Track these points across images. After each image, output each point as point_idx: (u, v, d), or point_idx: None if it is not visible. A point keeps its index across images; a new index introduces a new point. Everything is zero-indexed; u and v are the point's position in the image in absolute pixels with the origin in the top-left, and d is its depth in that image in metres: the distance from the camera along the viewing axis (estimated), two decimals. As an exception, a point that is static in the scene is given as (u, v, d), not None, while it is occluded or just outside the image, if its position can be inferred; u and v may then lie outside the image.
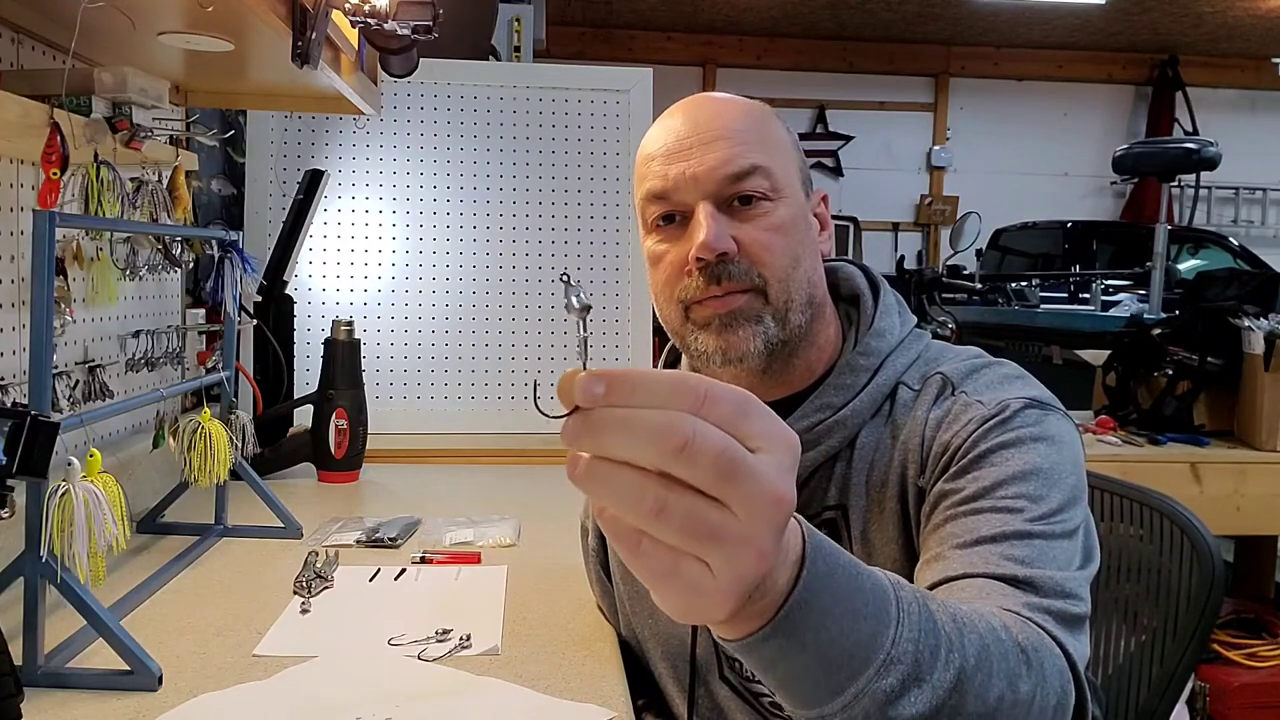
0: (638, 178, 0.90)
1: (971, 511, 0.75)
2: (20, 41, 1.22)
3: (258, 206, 2.08)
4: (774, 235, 0.84)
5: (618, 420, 0.41)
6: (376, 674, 0.93)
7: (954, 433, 0.82)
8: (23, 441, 0.82)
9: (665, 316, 0.91)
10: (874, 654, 0.53)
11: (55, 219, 0.88)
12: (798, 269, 0.86)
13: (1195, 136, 5.48)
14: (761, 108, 0.90)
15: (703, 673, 0.96)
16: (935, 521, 0.78)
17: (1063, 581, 0.70)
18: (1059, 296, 5.29)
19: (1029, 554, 0.71)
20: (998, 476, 0.76)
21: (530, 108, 2.15)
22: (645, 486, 0.41)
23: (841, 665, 0.52)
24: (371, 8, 1.24)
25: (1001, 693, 0.58)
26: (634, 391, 0.42)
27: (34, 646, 0.88)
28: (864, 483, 0.86)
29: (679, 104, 0.90)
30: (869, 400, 0.87)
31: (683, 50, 7.37)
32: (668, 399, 0.41)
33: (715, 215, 0.83)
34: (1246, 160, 7.15)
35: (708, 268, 0.83)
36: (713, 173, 0.84)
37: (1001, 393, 0.83)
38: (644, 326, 2.19)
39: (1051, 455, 0.79)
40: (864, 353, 0.89)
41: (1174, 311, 2.58)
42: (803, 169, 0.91)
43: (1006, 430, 0.79)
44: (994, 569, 0.70)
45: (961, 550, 0.73)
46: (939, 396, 0.86)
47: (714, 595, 0.44)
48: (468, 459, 1.99)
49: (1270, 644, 2.36)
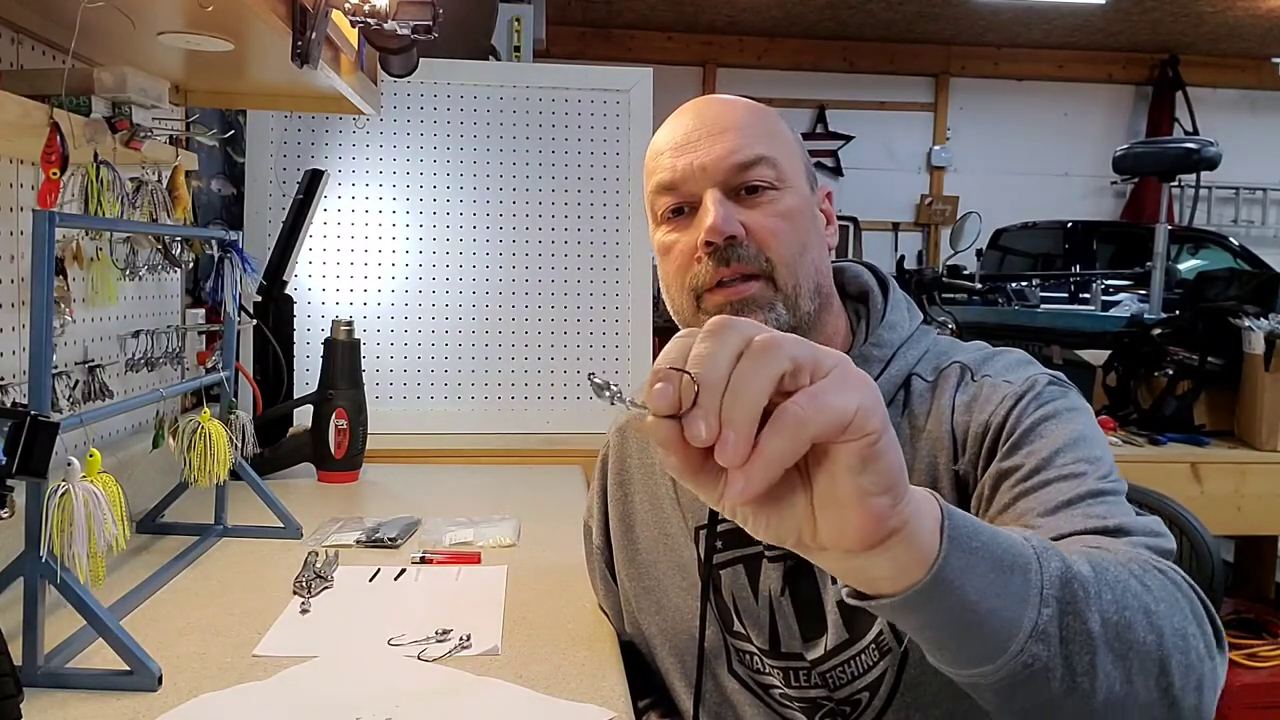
0: (647, 173, 0.92)
1: (1040, 484, 0.76)
2: (20, 41, 1.22)
3: (258, 206, 2.08)
4: (781, 221, 0.86)
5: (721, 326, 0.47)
6: (376, 674, 0.93)
7: (990, 412, 0.83)
8: (23, 441, 0.82)
9: (676, 307, 0.91)
10: (1031, 579, 0.55)
11: (55, 219, 0.88)
12: (805, 256, 0.87)
13: (1195, 136, 5.48)
14: (767, 108, 0.93)
15: (711, 666, 0.96)
16: (1003, 501, 0.78)
17: (1148, 524, 0.73)
18: (1059, 296, 5.28)
19: (1109, 510, 0.73)
20: (1053, 446, 0.78)
21: (530, 108, 2.15)
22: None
23: (1006, 597, 0.54)
24: (371, 8, 1.24)
25: (1156, 600, 0.60)
26: (720, 332, 0.47)
27: (34, 646, 0.88)
28: None
29: (686, 104, 0.93)
30: (882, 390, 0.87)
31: (683, 50, 7.36)
32: (740, 338, 0.46)
33: (723, 201, 0.85)
34: (1246, 160, 7.14)
35: (716, 251, 0.85)
36: (720, 162, 0.86)
37: (1023, 372, 0.86)
38: (644, 326, 2.19)
39: (1089, 423, 0.82)
40: (876, 344, 0.91)
41: (1174, 311, 2.58)
42: (807, 166, 0.93)
43: (1042, 403, 0.82)
44: (1087, 525, 0.72)
45: (1045, 518, 0.74)
46: (960, 383, 0.87)
47: (872, 445, 0.47)
48: (468, 459, 1.99)
49: (1270, 644, 2.36)
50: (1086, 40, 7.31)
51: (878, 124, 7.59)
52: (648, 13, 6.90)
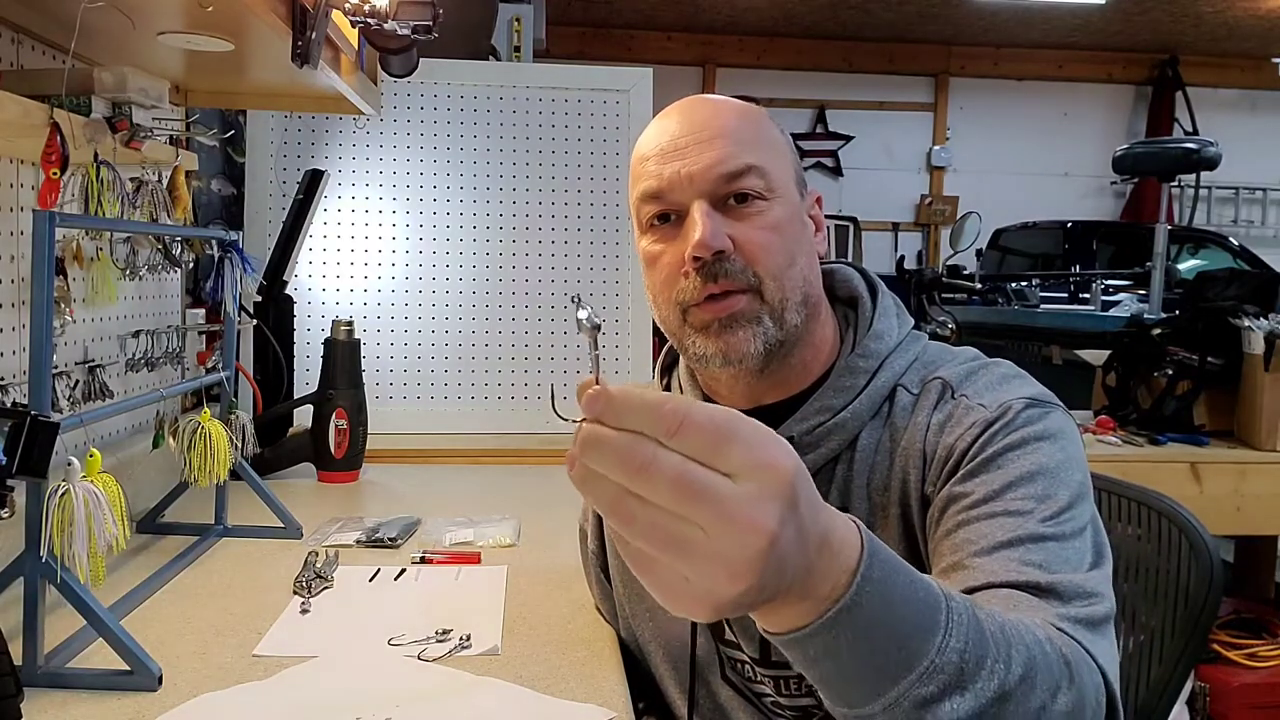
0: (633, 178, 0.89)
1: (984, 515, 0.75)
2: (20, 41, 1.22)
3: (258, 206, 2.08)
4: (769, 234, 0.84)
5: (596, 437, 0.46)
6: (376, 674, 0.93)
7: (957, 436, 0.82)
8: (23, 441, 0.82)
9: (663, 318, 0.90)
10: (918, 660, 0.54)
11: (55, 219, 0.88)
12: (793, 268, 0.85)
13: (1195, 136, 5.48)
14: (756, 109, 0.90)
15: (704, 673, 0.96)
16: (946, 527, 0.78)
17: (1082, 583, 0.71)
18: (1059, 296, 5.28)
19: (1045, 558, 0.71)
20: (1005, 479, 0.77)
21: (530, 108, 2.15)
22: (620, 496, 0.46)
23: (886, 668, 0.54)
24: (371, 8, 1.24)
25: (1043, 703, 0.59)
26: (619, 412, 0.46)
27: (34, 646, 0.88)
28: (865, 486, 0.86)
29: (673, 105, 0.90)
30: (868, 402, 0.87)
31: (683, 50, 7.37)
32: (643, 422, 0.46)
33: (710, 213, 0.83)
34: (1246, 160, 7.14)
35: (704, 266, 0.82)
36: (708, 171, 0.83)
37: (1001, 394, 0.84)
38: (644, 326, 2.19)
39: (1056, 454, 0.79)
40: (863, 354, 0.89)
41: (1174, 311, 2.58)
42: (797, 170, 0.91)
43: (1010, 432, 0.80)
44: (1015, 576, 0.70)
45: (980, 558, 0.73)
46: (939, 401, 0.86)
47: (690, 600, 0.48)
48: (468, 459, 1.99)
49: (1270, 644, 2.36)
50: (1086, 40, 7.31)
51: (877, 124, 7.60)
52: (648, 13, 6.90)
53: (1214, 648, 2.34)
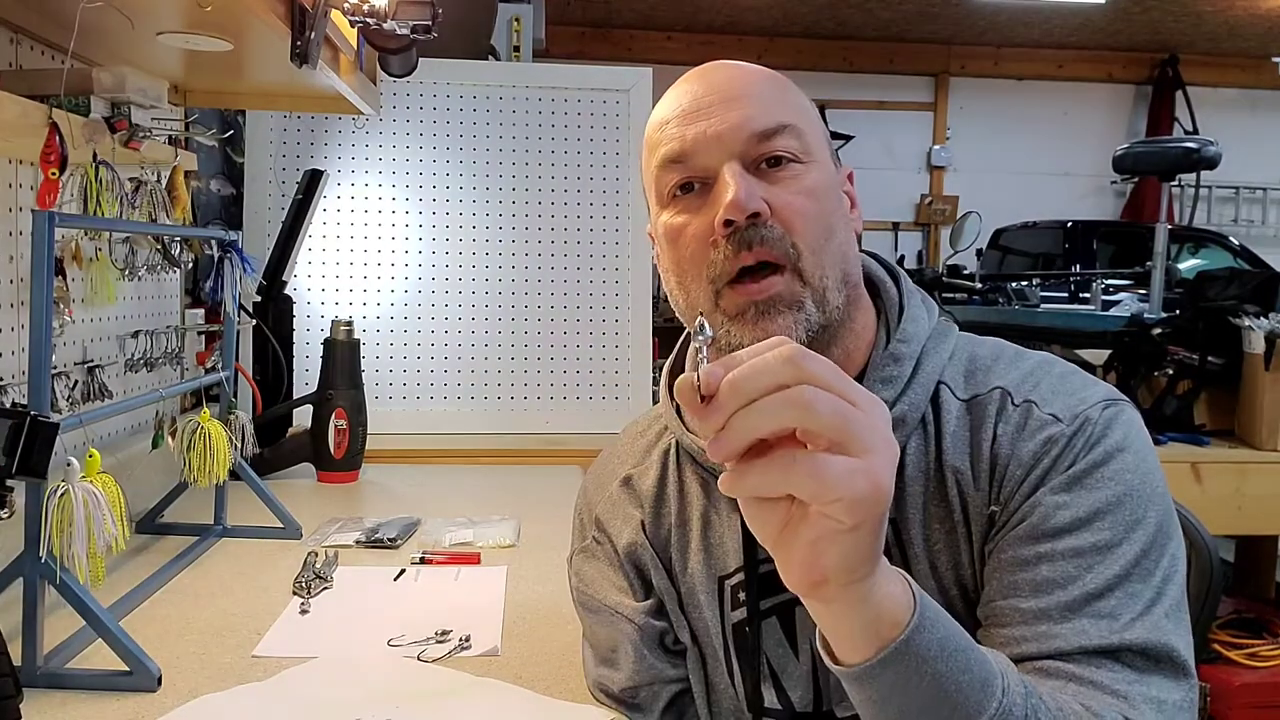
0: (649, 147, 0.80)
1: (1067, 553, 0.69)
2: (19, 41, 1.21)
3: (257, 206, 2.08)
4: (807, 200, 0.74)
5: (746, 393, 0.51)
6: (376, 675, 0.93)
7: (1030, 451, 0.73)
8: (22, 442, 0.82)
9: (691, 300, 0.77)
10: (988, 699, 0.58)
11: (54, 219, 0.88)
12: (832, 240, 0.76)
13: (1195, 136, 5.48)
14: (781, 76, 0.81)
15: None
16: (1005, 560, 0.72)
17: (1152, 636, 0.67)
18: (1059, 296, 5.27)
19: (1118, 606, 0.67)
20: (1091, 507, 0.70)
21: (530, 108, 2.15)
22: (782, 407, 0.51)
23: (959, 699, 0.57)
24: (371, 7, 1.24)
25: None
26: (749, 373, 0.51)
27: (33, 647, 0.88)
28: (921, 494, 0.76)
29: (691, 71, 0.80)
30: (920, 396, 0.78)
31: (683, 50, 7.35)
32: (778, 373, 0.51)
33: (743, 174, 0.73)
34: (1246, 160, 7.13)
35: (737, 233, 0.72)
36: (738, 130, 0.74)
37: (1071, 400, 0.75)
38: (644, 326, 2.19)
39: (1137, 463, 0.73)
40: (904, 339, 0.79)
41: (1174, 311, 2.57)
42: (829, 141, 0.82)
43: (1092, 444, 0.73)
44: (1083, 642, 0.66)
45: (1048, 624, 0.68)
46: (1001, 411, 0.76)
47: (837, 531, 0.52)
48: (467, 459, 1.99)
49: (1270, 644, 2.36)
50: (1086, 40, 7.30)
51: (877, 123, 7.59)
52: (648, 12, 6.89)
53: (1214, 647, 2.33)
